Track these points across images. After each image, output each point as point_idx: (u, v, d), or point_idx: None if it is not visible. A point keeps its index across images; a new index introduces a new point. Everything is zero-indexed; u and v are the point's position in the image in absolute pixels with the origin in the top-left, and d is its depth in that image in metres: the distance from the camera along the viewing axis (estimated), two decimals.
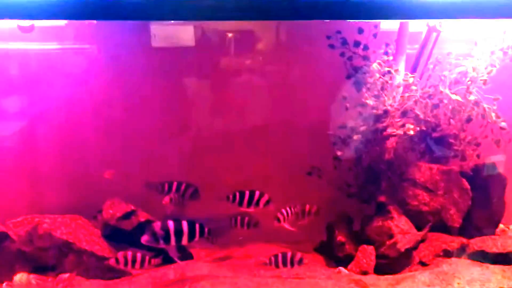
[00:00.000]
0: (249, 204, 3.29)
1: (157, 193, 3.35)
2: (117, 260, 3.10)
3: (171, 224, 2.90)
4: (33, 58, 3.59)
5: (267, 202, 3.34)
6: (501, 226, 3.87)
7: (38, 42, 3.51)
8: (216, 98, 3.87)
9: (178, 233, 2.91)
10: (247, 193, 3.30)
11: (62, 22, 3.32)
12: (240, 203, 3.28)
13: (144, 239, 2.90)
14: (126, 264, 3.09)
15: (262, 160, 3.85)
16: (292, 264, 3.16)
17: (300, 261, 3.17)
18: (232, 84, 3.83)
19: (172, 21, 3.31)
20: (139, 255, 3.10)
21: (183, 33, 3.54)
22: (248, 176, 3.78)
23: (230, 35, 3.69)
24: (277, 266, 3.18)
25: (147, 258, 3.12)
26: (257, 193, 3.31)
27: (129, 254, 3.09)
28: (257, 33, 3.76)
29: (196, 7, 2.54)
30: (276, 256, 3.19)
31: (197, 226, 2.96)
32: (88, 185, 3.72)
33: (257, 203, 3.31)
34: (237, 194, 3.29)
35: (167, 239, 2.89)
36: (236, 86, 3.83)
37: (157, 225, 2.90)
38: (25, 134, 3.68)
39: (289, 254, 3.18)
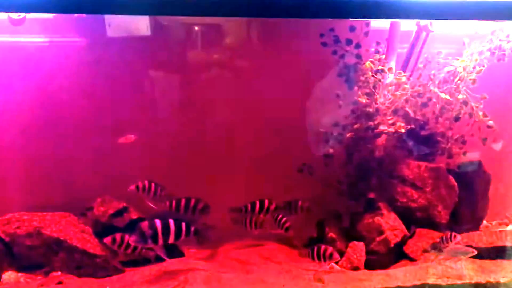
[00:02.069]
0: (260, 212, 3.53)
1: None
2: (113, 240, 3.12)
3: (158, 223, 2.89)
4: None
5: (276, 209, 3.54)
6: (484, 222, 3.99)
7: None
8: (205, 95, 3.85)
9: (166, 232, 2.90)
10: (257, 202, 3.51)
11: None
12: (252, 212, 3.52)
13: (133, 239, 2.88)
14: (120, 245, 3.12)
15: (254, 157, 3.86)
16: (324, 258, 3.23)
17: (330, 256, 3.23)
18: (218, 80, 3.82)
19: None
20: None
21: (138, 22, 3.45)
22: (240, 173, 3.80)
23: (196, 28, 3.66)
24: (313, 258, 3.25)
25: (139, 247, 3.13)
26: (266, 202, 3.51)
27: (126, 237, 3.11)
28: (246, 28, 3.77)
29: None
30: (312, 249, 3.26)
31: (183, 225, 2.96)
32: (72, 182, 3.67)
33: (267, 210, 3.51)
34: (249, 205, 3.51)
35: (155, 238, 2.88)
36: (223, 83, 3.83)
37: (144, 225, 2.88)
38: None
39: (322, 248, 3.25)
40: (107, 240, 3.14)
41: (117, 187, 3.49)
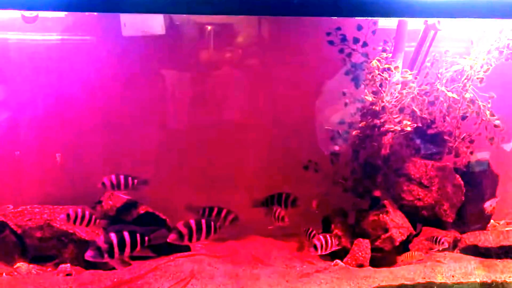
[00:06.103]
0: (279, 204, 3.52)
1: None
2: (68, 216, 3.12)
3: (113, 236, 2.86)
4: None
5: (294, 201, 3.50)
6: (491, 221, 3.98)
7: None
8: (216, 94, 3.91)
9: (121, 245, 2.87)
10: (276, 196, 3.51)
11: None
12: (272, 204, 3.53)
13: (89, 254, 2.81)
14: (75, 221, 3.12)
15: (261, 154, 3.90)
16: None
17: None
18: (229, 80, 3.87)
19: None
20: (87, 213, 3.15)
21: (153, 21, 3.47)
22: (247, 170, 3.85)
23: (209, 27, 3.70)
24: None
25: (93, 217, 3.17)
26: (283, 195, 3.50)
27: (79, 210, 3.14)
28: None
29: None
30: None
31: (138, 236, 2.94)
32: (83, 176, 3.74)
33: (286, 204, 3.49)
34: (269, 198, 3.52)
35: (111, 252, 2.84)
36: (233, 82, 3.88)
37: (100, 240, 2.84)
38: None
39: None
40: (62, 218, 3.15)
41: None
